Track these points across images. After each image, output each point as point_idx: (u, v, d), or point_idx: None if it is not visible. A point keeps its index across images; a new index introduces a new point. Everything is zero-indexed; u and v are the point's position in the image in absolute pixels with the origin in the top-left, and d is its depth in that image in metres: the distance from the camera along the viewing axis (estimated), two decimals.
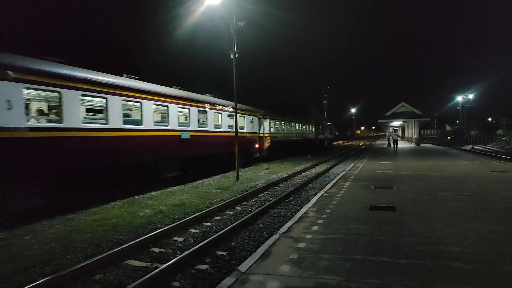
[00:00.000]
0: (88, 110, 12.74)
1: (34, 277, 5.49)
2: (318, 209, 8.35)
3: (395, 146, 32.59)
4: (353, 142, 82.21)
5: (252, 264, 4.94)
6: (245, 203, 11.39)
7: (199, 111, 17.41)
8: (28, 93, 9.70)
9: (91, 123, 11.27)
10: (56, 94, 10.00)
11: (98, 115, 12.35)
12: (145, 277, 5.17)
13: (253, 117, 25.31)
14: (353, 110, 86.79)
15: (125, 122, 12.57)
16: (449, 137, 78.22)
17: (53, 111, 10.85)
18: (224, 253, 6.60)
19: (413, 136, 46.21)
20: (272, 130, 28.65)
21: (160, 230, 7.70)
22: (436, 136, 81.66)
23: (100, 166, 11.33)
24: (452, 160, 21.04)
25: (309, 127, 42.64)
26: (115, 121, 11.94)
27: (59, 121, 10.01)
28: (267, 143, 27.00)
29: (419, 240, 5.74)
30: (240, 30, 16.55)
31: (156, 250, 6.81)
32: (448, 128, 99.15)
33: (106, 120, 11.64)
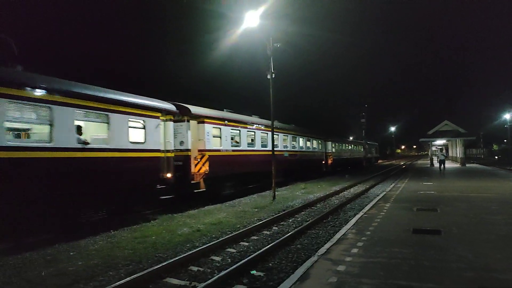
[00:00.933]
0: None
1: None
2: (357, 230, 8.12)
3: (442, 166, 30.35)
4: (393, 162, 79.70)
5: (291, 286, 4.86)
6: (282, 223, 11.28)
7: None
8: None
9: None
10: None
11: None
12: None
13: (320, 139, 33.37)
14: (392, 129, 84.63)
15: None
16: (496, 157, 73.96)
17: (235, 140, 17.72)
18: (261, 273, 6.53)
19: (458, 155, 44.12)
20: (333, 150, 36.60)
21: (198, 248, 7.78)
22: (482, 156, 77.51)
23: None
24: (501, 181, 19.83)
25: (358, 147, 51.37)
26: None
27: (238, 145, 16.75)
28: (330, 160, 35.42)
29: (467, 266, 5.42)
30: (277, 50, 16.82)
31: (194, 268, 6.87)
32: (495, 147, 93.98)
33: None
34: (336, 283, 4.89)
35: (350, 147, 45.93)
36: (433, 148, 44.21)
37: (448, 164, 43.51)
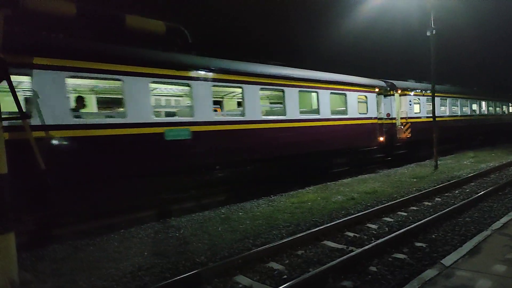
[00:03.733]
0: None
1: (248, 246, 6.51)
2: None
3: None
4: None
5: (458, 259, 4.51)
6: (446, 194, 10.30)
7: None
8: None
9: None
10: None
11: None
12: (343, 257, 5.42)
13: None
14: None
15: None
16: None
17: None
18: (423, 244, 6.20)
19: None
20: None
21: (354, 216, 7.86)
22: None
23: None
24: None
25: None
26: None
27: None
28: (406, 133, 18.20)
29: None
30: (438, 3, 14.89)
31: (351, 234, 6.98)
32: None
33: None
34: None
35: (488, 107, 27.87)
36: None
37: None
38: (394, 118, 17.18)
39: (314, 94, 13.28)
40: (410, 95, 17.95)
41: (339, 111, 14.32)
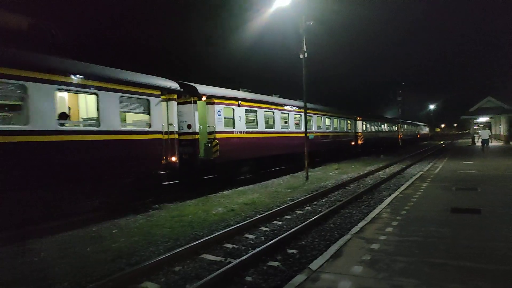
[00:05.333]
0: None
1: (121, 266, 6.03)
2: (392, 210, 8.01)
3: (485, 145, 26.38)
4: (432, 141, 76.84)
5: (323, 263, 4.91)
6: (315, 203, 11.30)
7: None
8: None
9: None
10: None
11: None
12: (220, 270, 5.41)
13: (350, 119, 31.40)
14: (431, 107, 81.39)
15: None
16: None
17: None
18: (294, 251, 6.63)
19: (501, 133, 41.86)
20: (364, 129, 34.20)
21: (233, 227, 7.99)
22: None
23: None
24: None
25: (393, 126, 47.97)
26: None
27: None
28: (360, 141, 32.88)
29: (508, 245, 5.23)
30: (309, 29, 16.45)
31: (229, 246, 7.07)
32: None
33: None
34: (370, 260, 4.89)
35: (384, 126, 43.37)
36: (475, 126, 42.11)
37: (491, 143, 41.43)
38: (197, 133, 13.41)
39: None
40: (220, 104, 14.21)
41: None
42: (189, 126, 13.40)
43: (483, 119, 44.83)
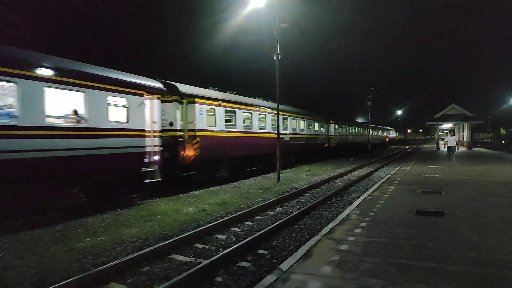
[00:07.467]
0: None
1: (86, 267, 5.83)
2: (361, 212, 8.18)
3: (451, 154, 20.22)
4: (399, 146, 79.37)
5: (294, 264, 4.94)
6: (286, 204, 11.38)
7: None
8: None
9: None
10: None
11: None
12: (190, 271, 5.33)
13: (323, 122, 32.42)
14: (399, 112, 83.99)
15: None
16: (503, 141, 73.14)
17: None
18: (265, 251, 6.64)
19: (465, 139, 43.80)
20: (336, 132, 35.74)
21: (203, 227, 7.91)
22: (489, 140, 77.00)
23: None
24: (507, 165, 19.73)
25: (363, 130, 50.28)
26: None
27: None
28: (333, 143, 34.67)
29: (470, 247, 5.46)
30: (283, 31, 16.57)
31: (200, 246, 6.99)
32: (502, 131, 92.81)
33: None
34: (338, 261, 4.97)
35: (355, 130, 45.53)
36: (440, 132, 43.81)
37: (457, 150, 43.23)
38: (180, 130, 13.97)
39: None
40: (202, 104, 14.86)
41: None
42: (171, 124, 13.89)
43: (447, 125, 46.74)
